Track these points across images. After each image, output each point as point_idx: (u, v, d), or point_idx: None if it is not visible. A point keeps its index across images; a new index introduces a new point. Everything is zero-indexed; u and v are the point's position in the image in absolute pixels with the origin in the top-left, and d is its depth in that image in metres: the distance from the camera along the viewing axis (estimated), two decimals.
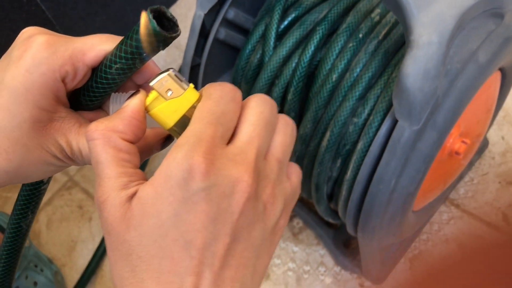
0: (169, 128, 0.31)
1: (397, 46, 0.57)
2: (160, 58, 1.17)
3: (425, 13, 0.47)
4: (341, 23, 0.60)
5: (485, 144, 0.87)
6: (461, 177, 0.85)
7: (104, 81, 0.32)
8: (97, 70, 0.32)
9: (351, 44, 0.58)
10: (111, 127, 0.29)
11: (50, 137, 0.32)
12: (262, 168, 0.29)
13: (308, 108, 0.60)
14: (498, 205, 0.82)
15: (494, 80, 0.61)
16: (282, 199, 0.30)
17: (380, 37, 0.57)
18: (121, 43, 0.30)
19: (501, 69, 0.62)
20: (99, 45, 0.32)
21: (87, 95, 0.34)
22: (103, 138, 0.29)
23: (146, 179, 0.29)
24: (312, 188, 0.63)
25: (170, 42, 0.29)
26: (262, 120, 0.30)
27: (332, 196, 0.66)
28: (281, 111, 0.64)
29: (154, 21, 0.28)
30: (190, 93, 0.30)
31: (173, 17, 0.29)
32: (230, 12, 0.63)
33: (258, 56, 0.64)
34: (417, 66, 0.47)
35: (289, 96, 0.61)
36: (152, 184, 0.27)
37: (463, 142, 0.56)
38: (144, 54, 0.29)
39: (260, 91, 0.63)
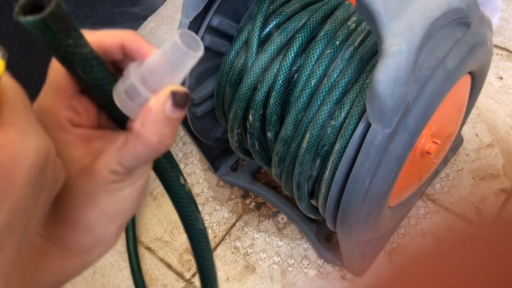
0: None
1: (371, 53, 0.60)
2: None
3: (396, 24, 0.51)
4: (320, 30, 0.63)
5: (460, 141, 0.91)
6: (436, 173, 0.89)
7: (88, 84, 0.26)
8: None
9: (328, 51, 0.61)
10: None
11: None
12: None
13: (289, 112, 0.63)
14: (472, 200, 0.86)
15: (464, 82, 0.65)
16: None
17: (356, 44, 0.61)
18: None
19: (470, 73, 0.65)
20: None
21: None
22: None
23: None
24: (294, 186, 0.67)
25: (62, 16, 0.23)
26: None
27: (313, 194, 0.69)
28: (263, 114, 0.67)
29: (23, 17, 0.23)
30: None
31: None
32: (214, 19, 0.66)
33: (241, 61, 0.67)
34: (388, 73, 0.50)
35: (271, 100, 0.65)
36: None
37: (434, 142, 0.60)
38: (67, 41, 0.24)
39: (244, 95, 0.66)
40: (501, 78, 0.97)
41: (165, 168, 0.32)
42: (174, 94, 0.25)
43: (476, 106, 0.95)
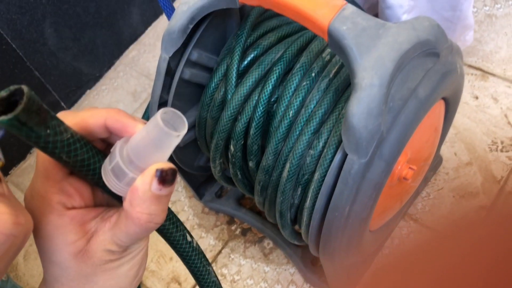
0: None
1: (346, 83, 0.62)
2: (130, 87, 1.20)
3: (367, 58, 0.53)
4: (296, 62, 0.65)
5: (439, 161, 0.93)
6: (417, 193, 0.91)
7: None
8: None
9: (305, 83, 0.63)
10: None
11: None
12: None
13: (269, 142, 0.65)
14: (452, 218, 0.87)
15: (437, 108, 0.67)
16: None
17: (331, 76, 0.62)
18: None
19: (444, 98, 0.67)
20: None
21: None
22: None
23: None
24: (276, 215, 0.68)
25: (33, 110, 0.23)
26: None
27: (296, 221, 0.70)
28: (244, 144, 0.68)
29: None
30: None
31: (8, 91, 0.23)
32: (194, 53, 0.68)
33: (221, 93, 0.68)
34: (361, 106, 0.52)
35: (251, 131, 0.66)
36: None
37: (410, 168, 0.62)
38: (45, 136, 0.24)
39: (224, 127, 0.67)
40: (477, 98, 1.00)
41: (169, 230, 0.31)
42: (160, 172, 0.25)
43: (454, 126, 0.97)
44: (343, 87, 0.62)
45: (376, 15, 1.09)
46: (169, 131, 0.25)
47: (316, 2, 0.54)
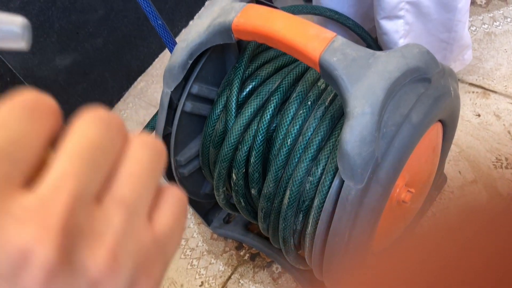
0: None
1: (341, 111, 0.64)
2: (139, 118, 1.24)
3: (358, 87, 0.54)
4: (292, 91, 0.67)
5: (443, 180, 0.94)
6: (423, 213, 0.91)
7: None
8: None
9: (301, 111, 0.65)
10: None
11: None
12: (87, 221, 0.20)
13: (270, 169, 0.67)
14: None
15: (434, 130, 0.68)
16: (129, 261, 0.20)
17: (327, 103, 0.64)
18: None
19: (440, 120, 0.69)
20: None
21: None
22: None
23: None
24: (280, 240, 0.69)
25: None
26: (84, 146, 0.20)
27: (300, 246, 0.72)
28: (246, 172, 0.70)
29: None
30: None
31: None
32: (195, 87, 0.70)
33: (222, 123, 0.71)
34: (354, 134, 0.53)
35: (252, 159, 0.68)
36: None
37: (408, 191, 0.63)
38: None
39: (226, 156, 0.69)
40: (479, 115, 1.01)
41: None
42: None
43: (457, 144, 0.98)
44: (339, 114, 0.64)
45: (376, 38, 1.12)
46: None
47: (307, 35, 0.57)
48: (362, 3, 1.04)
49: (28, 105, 0.20)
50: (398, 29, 0.93)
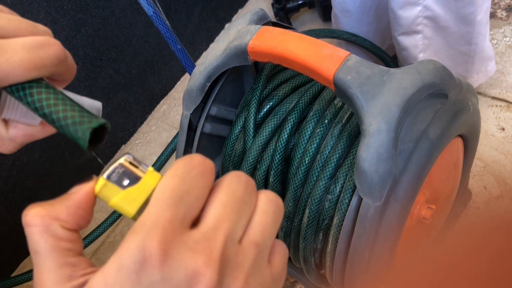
0: (132, 217, 0.28)
1: (358, 128, 0.64)
2: (162, 140, 1.26)
3: (373, 104, 0.55)
4: (309, 110, 0.68)
5: (468, 195, 0.92)
6: (448, 229, 0.89)
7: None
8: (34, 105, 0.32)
9: (318, 130, 0.65)
10: (53, 214, 0.27)
11: None
12: (233, 255, 0.26)
13: (288, 188, 0.67)
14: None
15: (454, 145, 0.68)
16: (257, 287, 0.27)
17: (343, 121, 0.65)
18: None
19: (460, 136, 0.68)
20: None
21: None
22: (42, 225, 0.27)
23: (92, 265, 0.27)
24: (300, 260, 0.69)
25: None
26: (233, 199, 0.27)
27: (322, 264, 0.71)
28: None
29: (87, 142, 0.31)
30: (150, 177, 0.28)
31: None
32: (213, 109, 0.72)
33: (241, 144, 0.72)
34: (370, 151, 0.53)
35: (271, 178, 0.68)
36: (103, 275, 0.25)
37: (429, 208, 0.62)
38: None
39: None
40: (503, 129, 0.99)
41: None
42: None
43: (481, 159, 0.96)
44: (356, 132, 0.64)
45: (394, 56, 1.12)
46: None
47: (320, 55, 0.57)
48: (380, 20, 1.05)
49: (199, 165, 0.27)
50: (417, 44, 0.93)
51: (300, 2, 1.31)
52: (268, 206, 0.29)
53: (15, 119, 0.34)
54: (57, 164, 1.08)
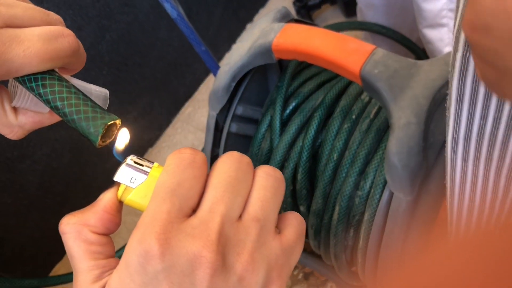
0: None
1: (387, 123, 0.63)
2: (188, 142, 1.27)
3: (401, 98, 0.54)
4: (336, 106, 0.67)
5: None
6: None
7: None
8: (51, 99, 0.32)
9: (346, 125, 0.65)
10: (82, 221, 0.29)
11: None
12: (233, 233, 0.27)
13: (317, 185, 0.67)
14: None
15: None
16: (264, 263, 0.28)
17: (371, 116, 0.64)
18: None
19: None
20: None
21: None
22: (74, 232, 0.29)
23: None
24: (331, 257, 0.69)
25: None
26: (225, 180, 0.28)
27: (353, 261, 0.71)
28: (293, 189, 0.70)
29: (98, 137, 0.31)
30: (155, 173, 0.30)
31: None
32: (239, 108, 0.72)
33: (268, 142, 0.72)
34: (400, 145, 0.53)
35: (299, 176, 0.68)
36: (117, 272, 0.27)
37: None
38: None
39: None
40: None
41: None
42: None
43: None
44: (385, 127, 0.63)
45: (423, 49, 1.10)
46: None
47: (346, 50, 0.57)
48: (406, 13, 1.03)
49: (188, 158, 0.28)
50: (442, 37, 0.92)
51: None
52: (266, 180, 0.29)
53: (25, 107, 0.35)
54: (86, 169, 1.10)
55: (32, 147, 1.00)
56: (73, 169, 1.07)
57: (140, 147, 1.25)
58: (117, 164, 0.33)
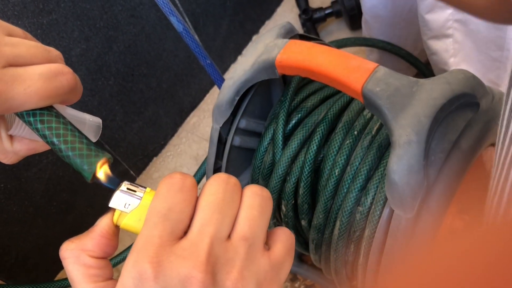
0: None
1: (388, 140, 0.63)
2: (193, 152, 1.27)
3: (403, 116, 0.54)
4: (338, 122, 0.68)
5: None
6: None
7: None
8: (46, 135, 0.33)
9: (348, 141, 0.65)
10: (80, 246, 0.31)
11: None
12: (223, 252, 0.28)
13: (319, 200, 0.67)
14: None
15: (487, 155, 0.67)
16: (253, 280, 0.29)
17: (373, 132, 0.64)
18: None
19: (493, 145, 0.67)
20: None
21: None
22: (73, 257, 0.30)
23: None
24: (332, 272, 0.69)
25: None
26: (213, 202, 0.29)
27: (353, 276, 0.71)
28: (295, 204, 0.71)
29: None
30: (148, 197, 0.32)
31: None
32: (242, 122, 0.72)
33: (270, 156, 0.72)
34: (401, 163, 0.53)
35: (301, 190, 0.68)
36: None
37: (461, 219, 0.61)
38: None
39: (274, 187, 0.70)
40: None
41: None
42: None
43: None
44: (386, 143, 0.63)
45: (427, 61, 1.11)
46: None
47: (348, 67, 0.57)
48: (412, 24, 1.04)
49: (177, 182, 0.30)
50: (447, 48, 0.92)
51: (327, 12, 1.31)
52: (253, 199, 0.30)
53: (21, 136, 0.36)
54: None
55: (38, 155, 1.01)
56: (78, 178, 1.08)
57: (145, 157, 1.26)
58: (123, 173, 0.35)
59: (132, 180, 1.19)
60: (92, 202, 1.13)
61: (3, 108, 0.30)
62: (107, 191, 0.32)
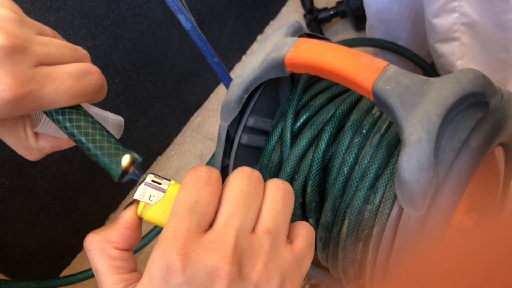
0: None
1: (398, 138, 0.64)
2: (197, 151, 1.27)
3: (413, 114, 0.55)
4: (347, 120, 0.68)
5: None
6: None
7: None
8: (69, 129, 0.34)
9: (357, 140, 0.65)
10: (105, 238, 0.31)
11: None
12: (248, 245, 0.29)
13: (327, 199, 0.67)
14: None
15: (496, 154, 0.67)
16: (278, 272, 0.29)
17: (382, 131, 0.65)
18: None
19: (502, 144, 0.67)
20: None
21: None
22: (98, 248, 0.31)
23: None
24: (339, 270, 0.69)
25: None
26: (238, 195, 0.30)
27: (361, 275, 0.71)
28: (303, 202, 0.71)
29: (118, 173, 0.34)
30: (172, 190, 0.32)
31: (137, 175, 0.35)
32: (250, 120, 0.72)
33: (278, 154, 0.72)
34: (411, 161, 0.53)
35: (309, 189, 0.69)
36: (141, 285, 0.29)
37: (470, 217, 0.61)
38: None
39: None
40: None
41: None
42: None
43: None
44: (395, 142, 0.63)
45: (432, 63, 1.11)
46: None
47: (359, 65, 0.58)
48: (418, 27, 1.04)
49: (204, 176, 0.30)
50: (454, 51, 0.92)
51: (332, 12, 1.31)
52: (276, 193, 0.32)
53: (46, 133, 0.37)
54: (96, 176, 1.11)
55: None
56: (83, 176, 1.08)
57: (150, 155, 1.26)
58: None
59: (136, 180, 1.19)
60: (97, 200, 1.13)
61: (34, 106, 0.31)
62: (112, 190, 0.32)
